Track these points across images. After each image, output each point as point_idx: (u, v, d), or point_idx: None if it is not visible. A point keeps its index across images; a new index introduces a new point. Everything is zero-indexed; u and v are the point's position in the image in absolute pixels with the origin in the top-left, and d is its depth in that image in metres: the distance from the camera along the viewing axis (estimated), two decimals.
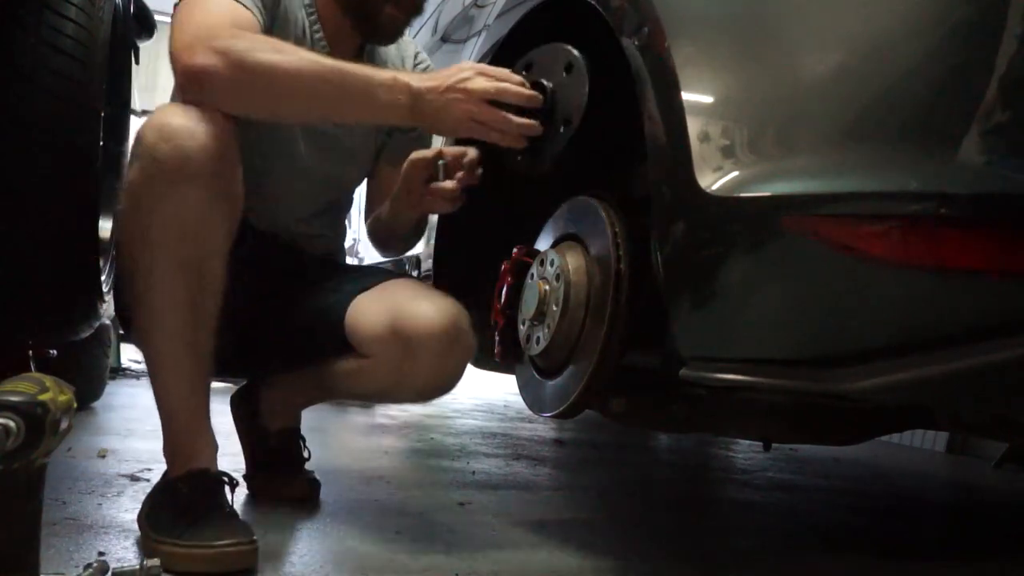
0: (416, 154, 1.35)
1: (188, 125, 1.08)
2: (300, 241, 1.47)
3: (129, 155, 1.12)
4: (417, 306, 1.26)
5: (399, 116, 1.17)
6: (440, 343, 1.25)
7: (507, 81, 1.17)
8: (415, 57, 1.56)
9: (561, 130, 1.21)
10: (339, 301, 1.33)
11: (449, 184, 1.32)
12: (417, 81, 1.16)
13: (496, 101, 1.16)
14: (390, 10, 1.34)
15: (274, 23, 1.28)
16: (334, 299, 1.34)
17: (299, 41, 1.33)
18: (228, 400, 1.56)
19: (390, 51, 1.52)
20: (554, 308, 1.27)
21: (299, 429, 1.55)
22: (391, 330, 1.26)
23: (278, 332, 1.40)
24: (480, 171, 1.34)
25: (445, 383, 1.32)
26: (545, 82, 1.21)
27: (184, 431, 1.14)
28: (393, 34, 1.41)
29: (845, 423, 1.36)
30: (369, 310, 1.30)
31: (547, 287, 1.29)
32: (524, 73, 1.24)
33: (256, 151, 1.27)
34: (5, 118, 1.31)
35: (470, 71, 1.16)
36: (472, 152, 1.32)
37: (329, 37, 1.37)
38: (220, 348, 1.16)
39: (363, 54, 1.45)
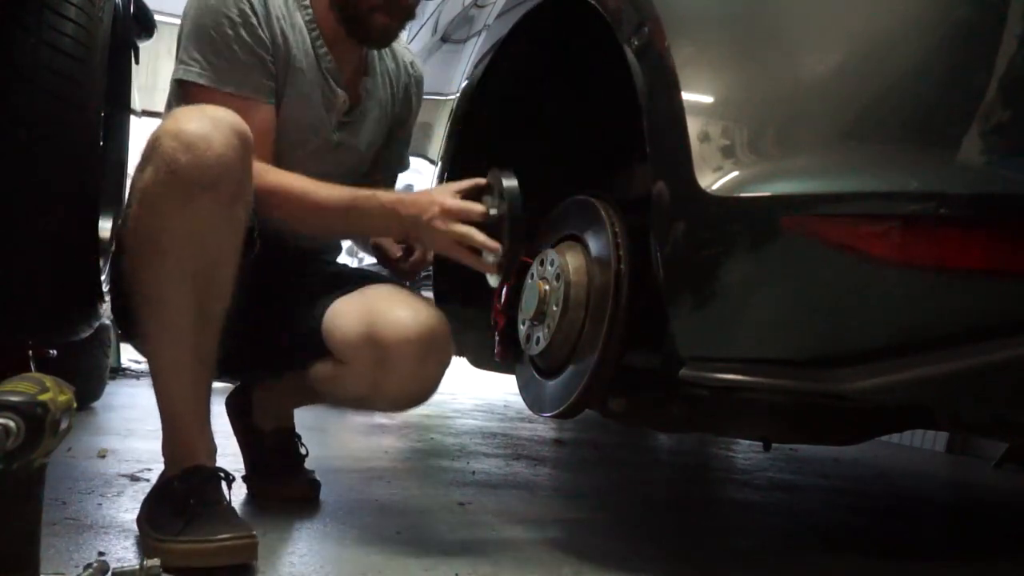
0: (387, 242, 1.52)
1: (206, 134, 1.08)
2: (303, 241, 1.47)
3: (141, 156, 1.11)
4: (392, 313, 1.25)
5: (395, 234, 1.42)
6: (414, 351, 1.24)
7: (468, 213, 1.25)
8: (411, 66, 1.58)
9: (510, 245, 1.25)
10: (318, 305, 1.33)
11: (405, 269, 1.52)
12: (403, 209, 1.27)
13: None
14: (381, 18, 1.34)
15: (278, 69, 1.32)
16: (313, 303, 1.34)
17: (305, 56, 1.34)
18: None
19: (387, 62, 1.53)
20: (554, 308, 1.27)
21: (294, 428, 1.55)
22: (365, 337, 1.25)
23: (264, 334, 1.39)
24: (431, 257, 1.53)
25: (420, 392, 1.31)
26: (492, 211, 1.26)
27: (184, 433, 1.14)
28: (386, 39, 1.42)
29: (845, 423, 1.36)
30: (345, 316, 1.29)
31: (547, 287, 1.29)
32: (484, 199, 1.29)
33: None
34: (5, 118, 1.31)
35: (436, 208, 1.24)
36: (417, 254, 1.52)
37: (330, 44, 1.38)
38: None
39: (364, 62, 1.46)
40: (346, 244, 1.74)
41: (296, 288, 1.40)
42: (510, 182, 1.25)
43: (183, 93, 1.29)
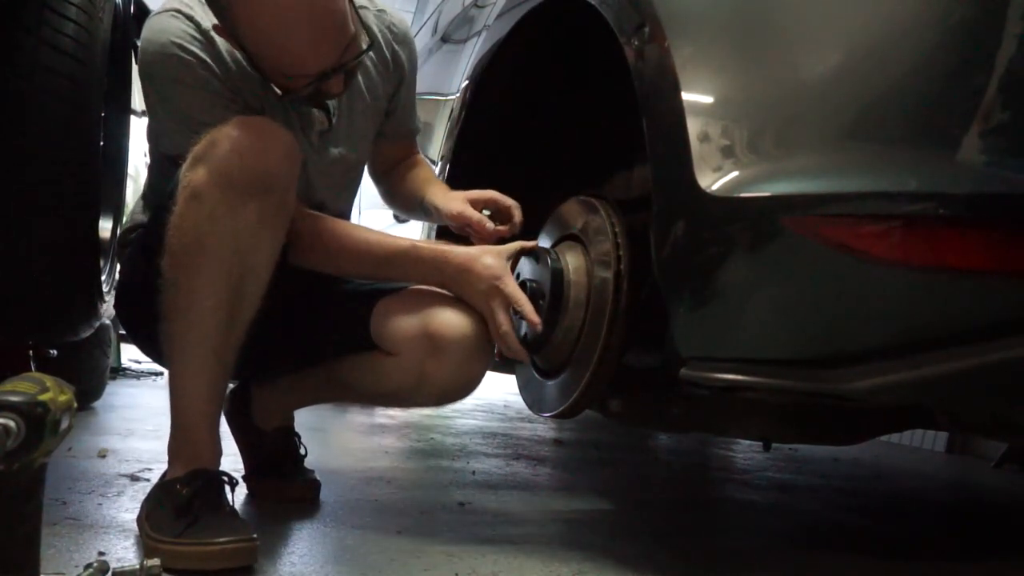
0: (465, 208, 1.40)
1: (263, 145, 1.11)
2: None
3: (193, 156, 1.11)
4: (447, 310, 1.28)
5: (434, 284, 1.33)
6: (468, 347, 1.27)
7: (520, 304, 1.25)
8: (391, 29, 1.45)
9: (541, 303, 1.28)
10: (363, 300, 1.35)
11: (491, 228, 1.38)
12: (453, 257, 1.28)
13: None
14: (324, 94, 1.25)
15: (245, 95, 1.26)
16: (356, 297, 1.36)
17: (271, 89, 1.27)
18: None
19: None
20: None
21: (294, 428, 1.55)
22: (422, 329, 1.28)
23: (299, 329, 1.40)
24: (519, 222, 1.40)
25: (465, 387, 1.33)
26: (532, 283, 1.30)
27: (193, 434, 1.15)
28: (335, 95, 1.29)
29: (845, 423, 1.36)
30: (399, 309, 1.32)
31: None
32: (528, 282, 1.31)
33: None
34: (5, 118, 1.31)
35: (500, 282, 1.25)
36: (516, 215, 1.39)
37: None
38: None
39: None
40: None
41: (332, 283, 1.40)
42: (556, 265, 1.28)
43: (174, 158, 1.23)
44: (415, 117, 1.58)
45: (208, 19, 1.24)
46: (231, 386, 1.56)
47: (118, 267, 1.70)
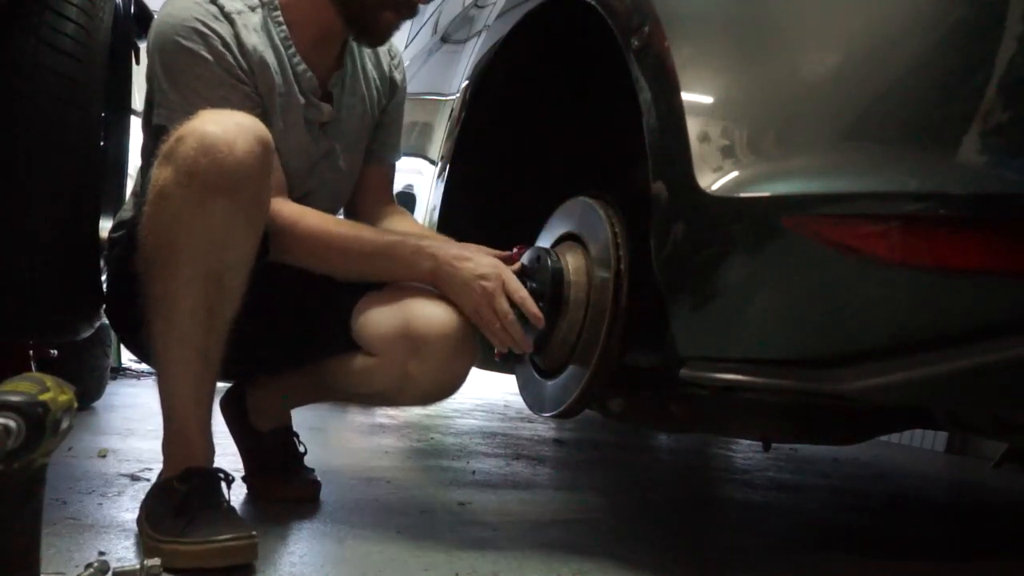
0: None
1: (229, 139, 1.08)
2: None
3: (161, 154, 1.10)
4: (428, 308, 1.26)
5: (422, 279, 1.29)
6: (449, 346, 1.25)
7: (522, 298, 1.23)
8: (388, 50, 1.52)
9: (540, 304, 1.26)
10: (345, 299, 1.34)
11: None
12: (443, 252, 1.26)
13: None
14: (388, 16, 1.32)
15: (262, 96, 1.28)
16: (338, 296, 1.35)
17: (285, 80, 1.30)
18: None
19: (367, 53, 1.48)
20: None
21: (291, 427, 1.55)
22: (401, 330, 1.26)
23: (282, 328, 1.39)
24: None
25: (449, 386, 1.32)
26: (532, 284, 1.28)
27: (185, 432, 1.15)
28: (386, 37, 1.38)
29: (845, 423, 1.37)
30: (378, 309, 1.30)
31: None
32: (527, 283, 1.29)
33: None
34: (4, 118, 1.31)
35: (494, 280, 1.23)
36: None
37: (305, 52, 1.33)
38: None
39: (343, 58, 1.41)
40: None
41: (316, 281, 1.39)
42: (556, 265, 1.27)
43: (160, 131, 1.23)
44: (397, 145, 1.58)
45: (232, 4, 1.25)
46: (227, 387, 1.56)
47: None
